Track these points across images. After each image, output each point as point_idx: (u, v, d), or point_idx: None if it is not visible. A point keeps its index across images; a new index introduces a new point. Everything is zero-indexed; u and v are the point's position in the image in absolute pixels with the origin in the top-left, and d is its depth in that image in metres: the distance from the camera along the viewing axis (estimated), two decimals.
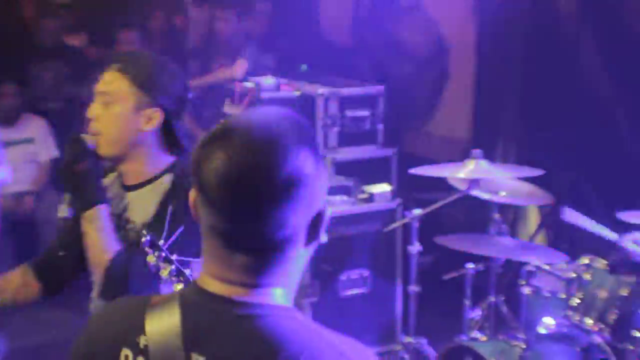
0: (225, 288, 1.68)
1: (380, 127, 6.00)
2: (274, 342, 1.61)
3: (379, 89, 6.04)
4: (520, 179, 4.95)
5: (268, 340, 1.62)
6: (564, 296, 4.39)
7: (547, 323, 4.48)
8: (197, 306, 1.69)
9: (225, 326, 1.66)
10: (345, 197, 5.34)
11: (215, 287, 1.69)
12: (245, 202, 1.62)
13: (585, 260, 4.40)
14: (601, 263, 4.33)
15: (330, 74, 6.74)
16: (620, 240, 4.31)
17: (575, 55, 6.58)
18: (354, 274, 5.43)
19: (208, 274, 1.71)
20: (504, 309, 4.83)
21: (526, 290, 4.58)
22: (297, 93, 6.08)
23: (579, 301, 4.30)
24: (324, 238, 1.72)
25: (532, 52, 6.71)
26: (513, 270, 5.01)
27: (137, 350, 1.70)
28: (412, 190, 5.92)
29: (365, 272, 5.46)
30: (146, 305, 1.73)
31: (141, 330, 1.70)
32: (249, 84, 6.19)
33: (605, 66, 6.42)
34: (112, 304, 1.90)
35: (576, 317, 4.28)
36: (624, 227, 4.38)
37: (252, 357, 1.63)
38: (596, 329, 4.21)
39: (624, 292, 4.20)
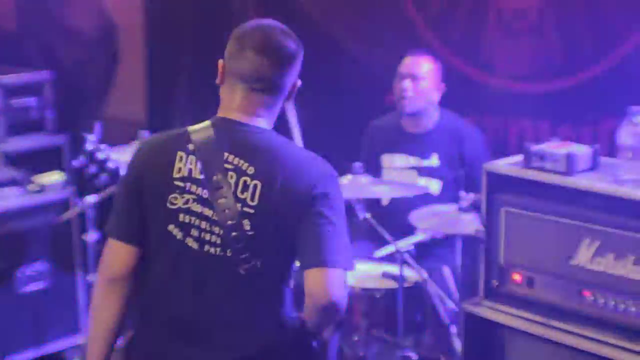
0: (239, 116, 2.73)
1: (50, 114, 5.82)
2: (274, 153, 2.69)
3: (45, 74, 5.86)
4: None
5: (268, 149, 2.70)
6: None
7: None
8: (222, 127, 2.73)
9: (241, 137, 2.71)
10: (14, 190, 5.09)
11: (233, 116, 2.74)
12: (270, 64, 2.71)
13: None
14: None
15: None
16: None
17: None
18: (31, 269, 5.17)
19: (227, 108, 2.75)
20: None
21: None
22: None
23: None
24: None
25: (203, 29, 6.72)
26: None
27: (187, 151, 2.69)
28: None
29: (44, 267, 5.22)
30: (188, 128, 2.73)
31: (189, 140, 2.69)
32: None
33: None
34: (158, 134, 2.84)
35: None
36: None
37: (259, 156, 2.68)
38: None
39: None
